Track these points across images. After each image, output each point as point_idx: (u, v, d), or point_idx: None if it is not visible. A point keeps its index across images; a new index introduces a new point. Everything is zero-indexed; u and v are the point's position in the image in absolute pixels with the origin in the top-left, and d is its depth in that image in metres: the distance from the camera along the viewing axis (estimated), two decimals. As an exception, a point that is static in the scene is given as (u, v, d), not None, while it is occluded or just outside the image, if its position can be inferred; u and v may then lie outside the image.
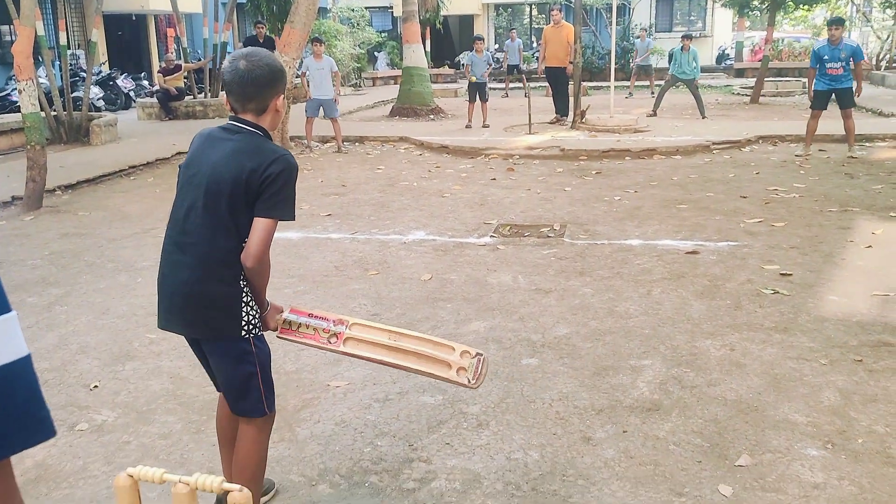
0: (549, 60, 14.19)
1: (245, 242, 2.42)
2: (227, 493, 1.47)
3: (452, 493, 2.90)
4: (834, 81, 9.82)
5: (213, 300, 2.42)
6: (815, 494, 2.81)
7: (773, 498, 2.80)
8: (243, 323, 2.46)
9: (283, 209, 2.41)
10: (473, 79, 13.51)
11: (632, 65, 20.40)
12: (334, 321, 2.66)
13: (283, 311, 2.67)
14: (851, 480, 2.89)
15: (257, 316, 2.53)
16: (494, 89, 22.33)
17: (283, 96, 2.51)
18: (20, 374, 0.64)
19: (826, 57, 9.76)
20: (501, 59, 23.54)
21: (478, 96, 13.60)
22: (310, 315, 2.67)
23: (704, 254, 5.82)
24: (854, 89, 9.87)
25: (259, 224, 2.39)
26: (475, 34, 14.13)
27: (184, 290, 2.43)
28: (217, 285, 2.42)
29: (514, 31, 23.29)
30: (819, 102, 10.02)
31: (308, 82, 11.73)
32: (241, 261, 2.42)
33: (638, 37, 21.02)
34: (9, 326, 0.64)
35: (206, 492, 1.44)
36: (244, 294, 2.47)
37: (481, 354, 2.63)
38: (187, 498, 1.48)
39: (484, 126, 13.30)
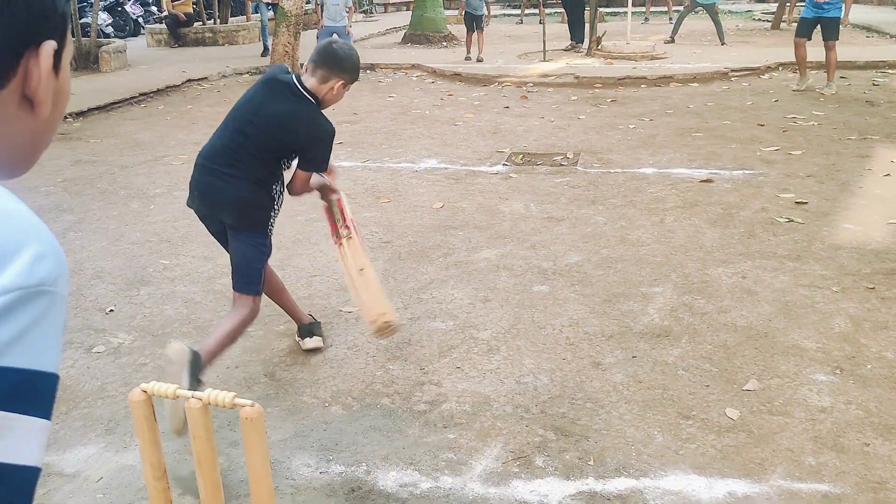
0: None
1: (280, 166, 3.10)
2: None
3: (462, 415, 2.95)
4: (819, 9, 9.10)
5: (253, 207, 3.05)
6: (822, 418, 2.84)
7: (779, 421, 2.83)
8: (269, 224, 3.14)
9: (319, 166, 3.10)
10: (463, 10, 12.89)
11: None
12: (348, 228, 3.28)
13: (336, 194, 3.30)
14: (858, 405, 2.92)
15: (276, 219, 3.17)
16: (510, 15, 21.85)
17: (345, 86, 3.06)
18: (14, 482, 0.60)
19: None
20: None
21: (474, 25, 12.81)
22: (342, 212, 3.31)
23: (719, 182, 5.76)
24: (841, 18, 9.19)
25: (301, 174, 3.08)
26: None
27: (232, 197, 3.02)
28: (258, 198, 3.04)
29: None
30: (802, 29, 9.34)
31: (322, 11, 11.46)
32: (287, 190, 3.15)
33: None
34: (33, 433, 0.62)
35: (218, 407, 1.47)
36: (275, 205, 3.12)
37: (392, 328, 3.07)
38: (200, 413, 1.51)
39: (478, 60, 12.64)
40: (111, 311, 3.95)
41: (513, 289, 4.06)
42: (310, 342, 3.48)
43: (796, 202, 5.24)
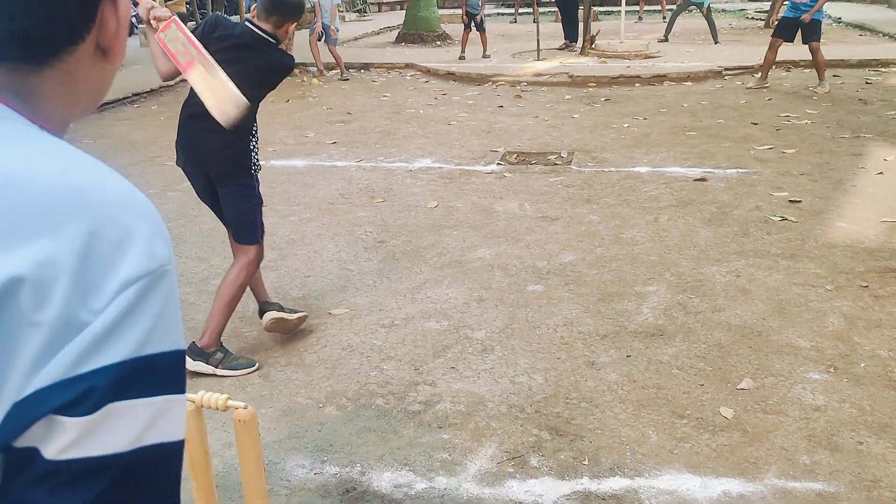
0: None
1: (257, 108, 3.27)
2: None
3: (457, 415, 2.94)
4: (797, 10, 8.98)
5: (234, 156, 3.25)
6: (816, 416, 2.85)
7: (773, 420, 2.84)
8: (253, 165, 3.35)
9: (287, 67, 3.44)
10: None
11: None
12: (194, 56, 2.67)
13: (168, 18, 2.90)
14: (852, 403, 2.92)
15: (258, 161, 3.38)
16: (504, 14, 21.85)
17: (294, 24, 3.33)
18: (171, 456, 0.63)
19: None
20: None
21: (473, 26, 12.69)
22: (185, 34, 2.76)
23: (713, 181, 5.76)
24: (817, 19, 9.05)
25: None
26: None
27: (214, 151, 3.21)
28: (237, 145, 3.24)
29: None
30: (780, 29, 9.23)
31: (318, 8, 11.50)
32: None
33: None
34: (180, 408, 0.64)
35: (211, 409, 1.47)
36: (253, 149, 3.32)
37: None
38: (193, 415, 1.51)
39: (484, 56, 12.73)
40: (105, 312, 3.93)
41: (507, 288, 4.06)
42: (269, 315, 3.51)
43: (790, 200, 5.25)
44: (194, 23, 16.83)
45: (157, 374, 0.61)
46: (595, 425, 2.85)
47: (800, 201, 5.22)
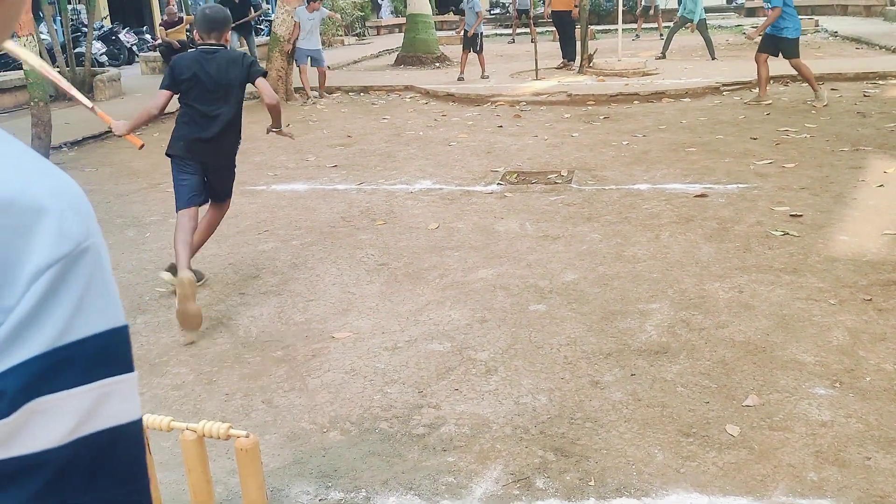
0: (554, 4, 13.93)
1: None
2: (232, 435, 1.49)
3: (461, 438, 2.93)
4: (776, 28, 9.03)
5: (232, 146, 4.39)
6: (823, 432, 2.83)
7: (780, 437, 2.82)
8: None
9: (262, 70, 4.37)
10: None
11: (638, 9, 19.93)
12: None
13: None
14: (859, 418, 2.91)
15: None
16: (502, 35, 22.01)
17: (229, 32, 4.33)
18: (124, 440, 0.61)
19: None
20: (509, 4, 23.04)
21: (470, 48, 12.84)
22: None
23: (713, 196, 5.77)
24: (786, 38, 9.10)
25: (262, 81, 4.27)
26: None
27: (217, 143, 4.26)
28: (234, 137, 4.36)
29: None
30: (763, 45, 9.31)
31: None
32: (268, 104, 4.28)
33: None
34: (128, 387, 0.61)
35: (212, 438, 1.46)
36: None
37: None
38: (195, 445, 1.50)
39: (482, 77, 12.83)
40: (107, 340, 3.92)
41: (510, 308, 4.05)
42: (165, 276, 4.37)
43: (791, 215, 5.25)
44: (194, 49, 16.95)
45: (88, 360, 0.57)
46: (600, 445, 2.84)
47: (801, 215, 5.22)
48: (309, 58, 11.81)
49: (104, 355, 0.59)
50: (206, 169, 4.30)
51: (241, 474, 1.57)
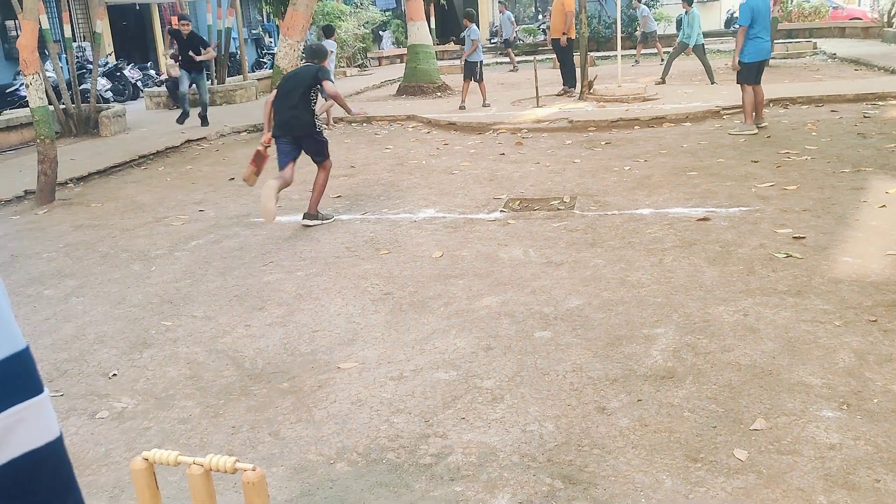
0: (552, 32, 14.11)
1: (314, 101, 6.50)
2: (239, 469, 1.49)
3: (469, 467, 2.92)
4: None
5: (310, 124, 6.42)
6: (831, 455, 2.82)
7: (788, 460, 2.81)
8: (318, 128, 6.52)
9: (330, 77, 6.56)
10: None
11: (636, 33, 20.14)
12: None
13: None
14: (867, 440, 2.89)
15: (322, 125, 6.69)
16: (501, 63, 22.19)
17: (326, 61, 6.84)
18: (46, 460, 0.61)
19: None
20: (497, 33, 23.35)
21: (471, 77, 12.96)
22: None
23: (716, 220, 5.79)
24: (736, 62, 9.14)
25: (327, 84, 6.42)
26: (465, 10, 13.79)
27: (299, 123, 6.39)
28: (311, 120, 6.43)
29: (503, 3, 23.22)
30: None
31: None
32: (331, 95, 6.52)
33: (634, 7, 20.69)
34: (38, 409, 0.61)
35: (219, 472, 1.47)
36: (318, 120, 6.55)
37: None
38: (202, 479, 1.51)
39: (484, 105, 12.94)
40: (114, 375, 3.94)
41: (515, 336, 4.06)
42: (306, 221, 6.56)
43: (794, 237, 5.26)
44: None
45: None
46: (608, 472, 2.83)
47: (804, 237, 5.23)
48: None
49: (6, 382, 0.58)
50: (296, 140, 6.50)
51: (249, 508, 1.57)
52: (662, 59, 18.21)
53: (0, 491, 0.58)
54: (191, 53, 12.70)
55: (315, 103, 6.46)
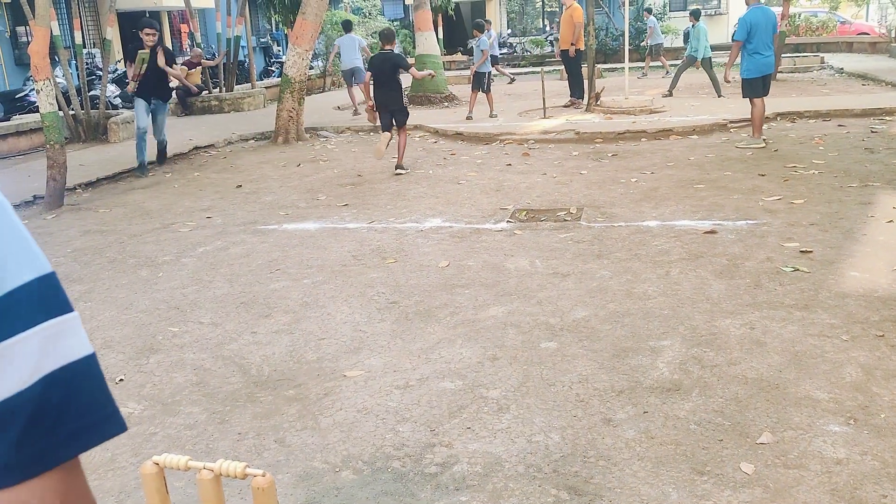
0: (561, 43, 14.17)
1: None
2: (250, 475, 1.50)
3: (474, 477, 2.92)
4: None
5: (398, 100, 8.96)
6: (838, 470, 2.81)
7: (795, 475, 2.80)
8: (405, 104, 9.14)
9: (405, 64, 9.24)
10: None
11: (644, 45, 20.20)
12: None
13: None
14: (874, 455, 2.89)
15: (407, 103, 9.43)
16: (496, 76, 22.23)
17: (395, 42, 9.00)
18: (84, 373, 0.66)
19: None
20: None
21: (479, 87, 13.04)
22: None
23: (723, 233, 5.78)
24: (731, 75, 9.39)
25: (412, 70, 10.41)
26: (475, 21, 13.93)
27: (391, 101, 8.95)
28: (399, 97, 8.97)
29: (489, 22, 23.53)
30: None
31: (339, 56, 14.65)
32: (413, 76, 10.92)
33: (644, 19, 20.82)
34: (72, 326, 0.66)
35: (229, 477, 1.47)
36: (404, 96, 9.13)
37: None
38: (212, 484, 1.51)
39: (490, 116, 12.99)
40: (121, 380, 3.95)
41: (521, 346, 4.06)
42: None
43: (801, 251, 5.25)
44: (207, 91, 17.23)
45: (25, 306, 0.62)
46: (614, 484, 2.82)
47: (811, 251, 5.23)
48: (353, 75, 14.35)
49: (40, 300, 0.64)
50: (391, 111, 8.92)
51: (257, 514, 1.57)
52: (668, 72, 18.30)
53: (47, 400, 0.62)
54: (165, 67, 9.64)
55: (399, 82, 8.88)
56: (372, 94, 9.09)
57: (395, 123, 8.99)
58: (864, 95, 13.23)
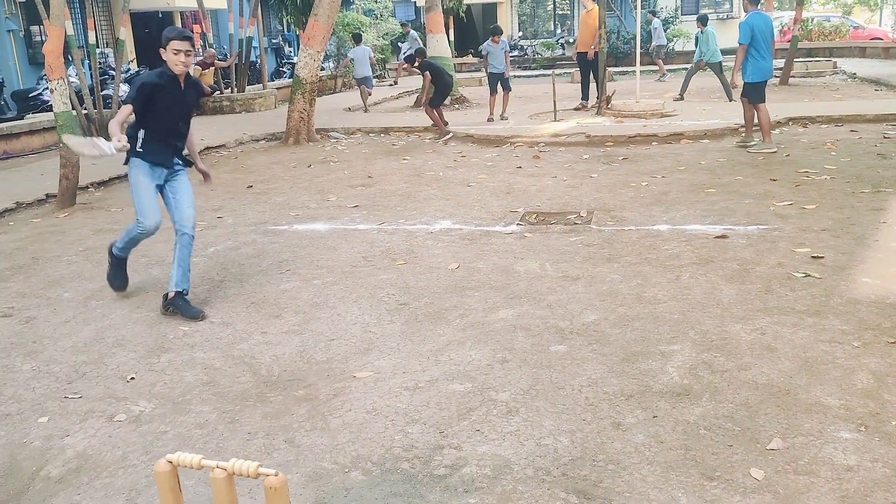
0: (578, 45, 14.21)
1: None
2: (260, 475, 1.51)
3: (483, 479, 2.92)
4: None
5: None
6: (848, 477, 2.80)
7: (805, 481, 2.79)
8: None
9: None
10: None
11: (650, 49, 20.14)
12: None
13: None
14: (885, 462, 2.87)
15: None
16: (518, 77, 22.23)
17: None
18: None
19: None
20: (405, 51, 23.25)
21: (500, 87, 13.17)
22: None
23: (734, 238, 5.77)
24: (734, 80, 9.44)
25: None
26: (492, 26, 13.97)
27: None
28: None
29: (406, 24, 24.07)
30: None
31: (353, 63, 16.29)
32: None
33: (648, 21, 20.76)
34: None
35: (242, 476, 1.49)
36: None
37: None
38: (225, 482, 1.52)
39: (501, 118, 13.04)
40: (132, 378, 3.97)
41: (530, 349, 4.06)
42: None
43: (812, 256, 5.23)
44: (219, 91, 17.29)
45: None
46: (623, 488, 2.82)
47: (822, 257, 5.21)
48: (364, 80, 16.12)
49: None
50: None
51: (268, 513, 1.59)
52: (663, 75, 18.36)
53: None
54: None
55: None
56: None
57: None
58: (877, 101, 13.16)
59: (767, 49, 8.97)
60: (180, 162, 5.11)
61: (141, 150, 4.87)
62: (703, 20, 14.59)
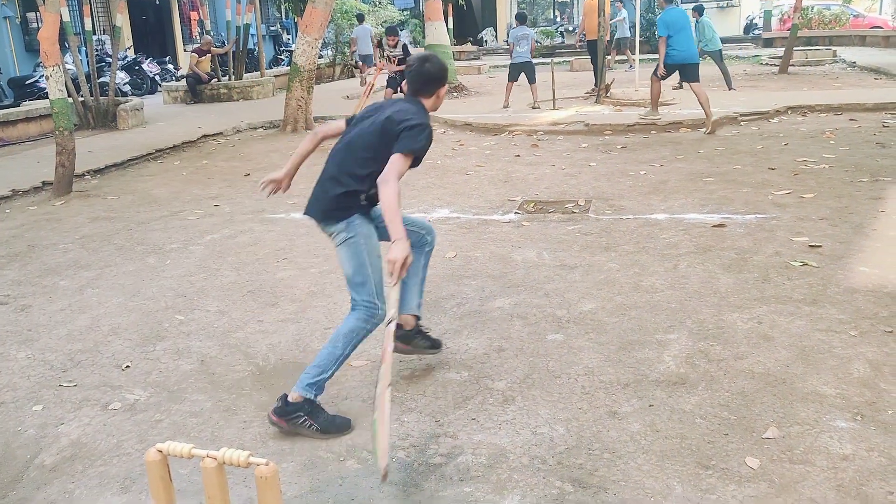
0: (589, 34, 14.23)
1: None
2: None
3: (479, 468, 2.92)
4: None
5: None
6: (844, 466, 2.80)
7: (801, 470, 2.79)
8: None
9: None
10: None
11: (613, 42, 19.62)
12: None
13: None
14: (881, 452, 2.87)
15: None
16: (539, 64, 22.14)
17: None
18: None
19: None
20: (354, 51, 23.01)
21: (525, 77, 12.93)
22: None
23: (732, 227, 5.75)
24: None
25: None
26: (517, 12, 14.01)
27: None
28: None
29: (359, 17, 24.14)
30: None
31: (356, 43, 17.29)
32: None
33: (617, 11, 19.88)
34: None
35: (233, 466, 1.48)
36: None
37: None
38: (215, 472, 1.51)
39: (504, 107, 12.96)
40: (127, 367, 3.96)
41: (527, 338, 4.05)
42: None
43: (810, 246, 5.22)
44: (216, 79, 17.21)
45: None
46: (618, 477, 2.82)
47: (820, 246, 5.20)
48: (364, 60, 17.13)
49: None
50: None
51: (260, 502, 1.58)
52: (631, 66, 17.99)
53: None
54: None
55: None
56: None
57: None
58: (877, 89, 13.12)
59: (686, 39, 10.08)
60: None
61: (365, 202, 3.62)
62: (699, 10, 14.51)
